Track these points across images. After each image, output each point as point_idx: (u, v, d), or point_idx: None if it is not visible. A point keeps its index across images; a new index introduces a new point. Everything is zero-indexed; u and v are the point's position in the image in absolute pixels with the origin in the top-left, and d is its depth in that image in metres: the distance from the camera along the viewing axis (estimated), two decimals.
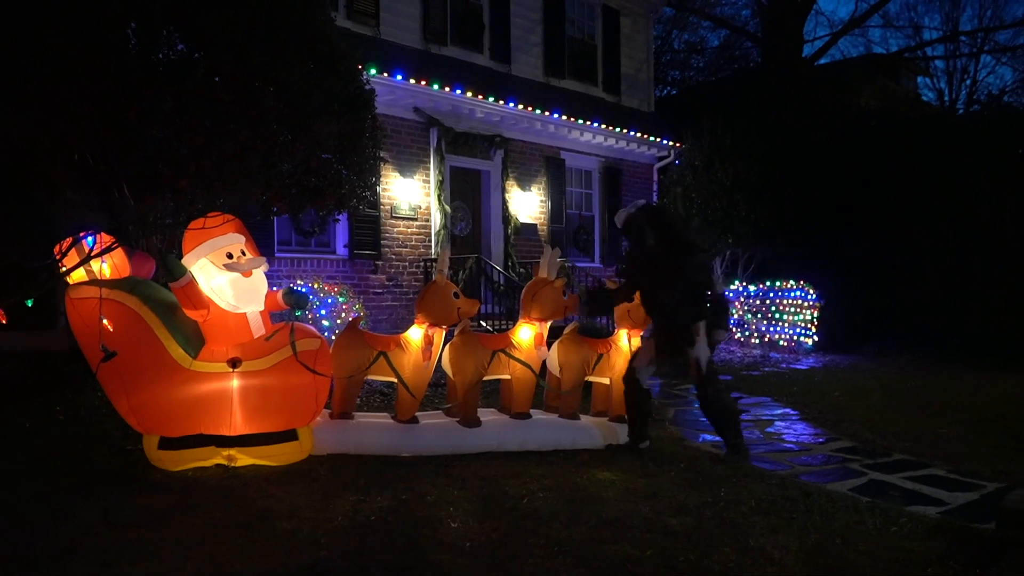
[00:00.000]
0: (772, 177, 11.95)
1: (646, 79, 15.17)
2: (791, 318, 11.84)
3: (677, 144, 14.07)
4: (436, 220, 10.98)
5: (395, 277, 10.56)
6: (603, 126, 12.85)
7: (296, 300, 4.87)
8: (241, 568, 3.18)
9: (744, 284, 12.59)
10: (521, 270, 11.69)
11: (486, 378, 5.38)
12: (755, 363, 10.79)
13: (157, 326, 4.42)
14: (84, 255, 4.52)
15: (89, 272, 4.54)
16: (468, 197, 11.96)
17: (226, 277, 4.63)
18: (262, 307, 4.90)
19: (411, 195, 10.69)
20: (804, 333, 11.73)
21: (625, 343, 5.68)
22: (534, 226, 12.59)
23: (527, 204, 12.47)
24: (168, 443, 4.50)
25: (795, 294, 11.84)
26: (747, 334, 12.33)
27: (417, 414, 5.26)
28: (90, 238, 4.59)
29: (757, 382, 9.00)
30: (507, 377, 5.45)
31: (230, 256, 4.66)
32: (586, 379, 5.67)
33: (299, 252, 9.65)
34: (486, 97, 10.96)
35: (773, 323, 12.03)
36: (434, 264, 9.78)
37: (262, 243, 5.63)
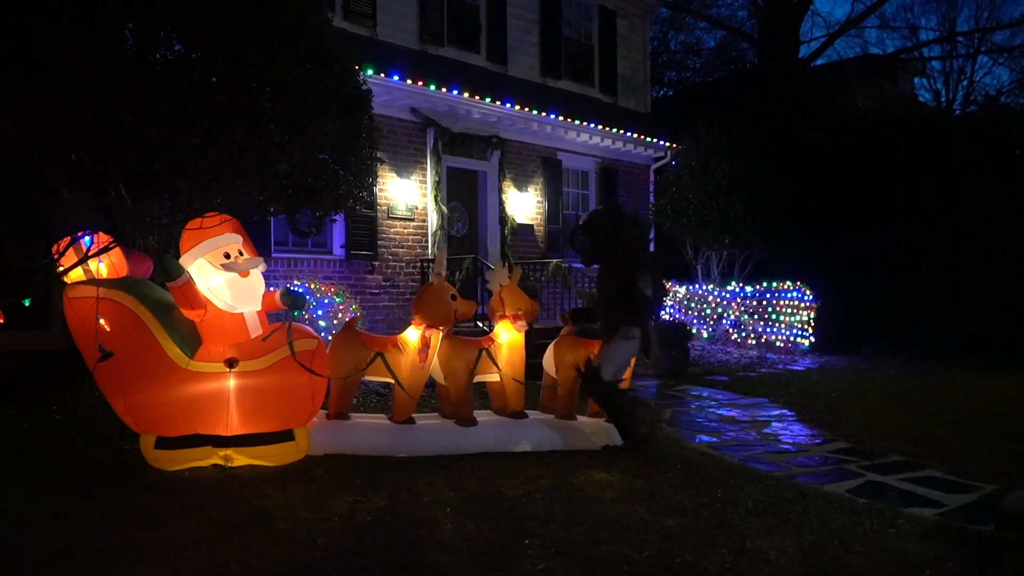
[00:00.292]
0: (768, 178, 11.95)
1: (642, 80, 15.17)
2: (788, 319, 11.85)
3: (673, 145, 14.06)
4: (433, 221, 10.97)
5: (392, 278, 10.56)
6: (599, 127, 12.83)
7: (294, 300, 4.87)
8: (237, 568, 3.18)
9: (741, 285, 12.59)
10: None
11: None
12: (752, 364, 10.81)
13: (154, 326, 4.42)
14: (82, 255, 4.53)
15: (87, 272, 4.54)
16: (465, 198, 11.95)
17: (223, 277, 4.63)
18: (259, 307, 4.90)
19: (408, 196, 10.69)
20: (801, 334, 11.74)
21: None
22: (531, 227, 12.58)
23: (524, 205, 12.46)
24: (165, 443, 4.50)
25: (792, 295, 11.85)
26: (744, 335, 12.33)
27: (413, 415, 5.27)
28: (87, 238, 4.59)
29: (754, 383, 9.01)
30: (495, 379, 5.50)
31: (227, 256, 4.66)
32: None
33: (296, 252, 9.63)
34: (483, 98, 10.95)
35: (770, 324, 12.04)
36: (431, 264, 9.79)
37: (259, 243, 5.62)
